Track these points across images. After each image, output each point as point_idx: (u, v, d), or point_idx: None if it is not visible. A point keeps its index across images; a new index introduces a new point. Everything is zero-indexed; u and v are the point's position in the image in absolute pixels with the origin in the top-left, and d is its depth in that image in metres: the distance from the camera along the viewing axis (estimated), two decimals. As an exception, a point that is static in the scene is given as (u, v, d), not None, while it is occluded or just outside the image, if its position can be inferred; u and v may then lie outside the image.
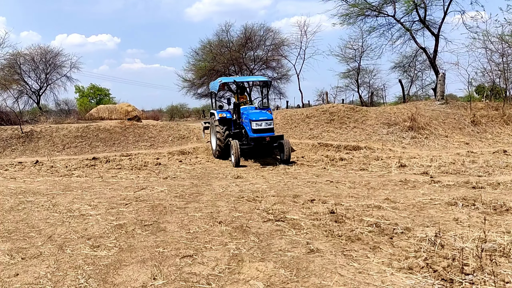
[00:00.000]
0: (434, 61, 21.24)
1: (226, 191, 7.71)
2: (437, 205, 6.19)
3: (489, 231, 4.62)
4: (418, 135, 15.09)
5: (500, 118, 16.96)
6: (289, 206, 6.30)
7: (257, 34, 36.66)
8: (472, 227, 4.90)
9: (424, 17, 21.39)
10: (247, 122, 11.74)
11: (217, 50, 36.56)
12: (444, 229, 4.82)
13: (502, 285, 3.22)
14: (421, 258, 3.85)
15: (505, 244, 4.16)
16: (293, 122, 16.93)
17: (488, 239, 4.35)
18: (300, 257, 4.06)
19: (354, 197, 6.95)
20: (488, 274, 3.43)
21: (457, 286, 3.26)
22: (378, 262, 3.89)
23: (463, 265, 3.61)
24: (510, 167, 9.92)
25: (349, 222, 5.26)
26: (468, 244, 4.20)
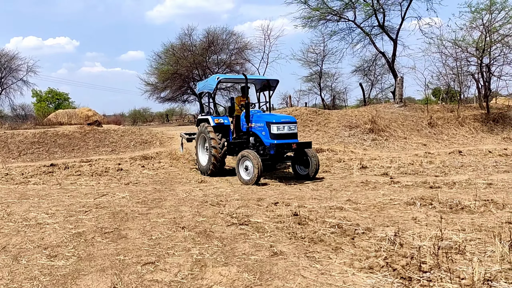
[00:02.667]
0: (392, 65, 21.90)
1: (189, 196, 7.63)
2: (396, 205, 6.35)
3: (445, 229, 4.78)
4: (378, 137, 15.48)
5: (455, 119, 17.65)
6: (253, 209, 6.30)
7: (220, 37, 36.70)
8: (429, 225, 5.06)
9: (383, 23, 22.04)
10: (262, 127, 9.51)
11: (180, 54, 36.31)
12: (403, 229, 4.95)
13: (458, 281, 3.33)
14: (381, 257, 3.93)
15: (460, 242, 4.32)
16: (257, 126, 17.00)
17: (444, 237, 4.50)
18: (264, 260, 4.06)
19: (317, 199, 7.04)
20: (445, 271, 3.54)
21: (415, 283, 3.35)
22: (340, 262, 3.95)
23: (421, 263, 3.71)
24: (464, 167, 10.34)
25: (312, 224, 5.31)
26: (425, 242, 4.33)
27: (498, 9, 17.32)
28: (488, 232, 4.62)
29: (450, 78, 20.33)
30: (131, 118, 47.80)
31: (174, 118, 51.43)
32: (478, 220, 5.27)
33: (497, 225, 4.91)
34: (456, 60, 19.23)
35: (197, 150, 11.24)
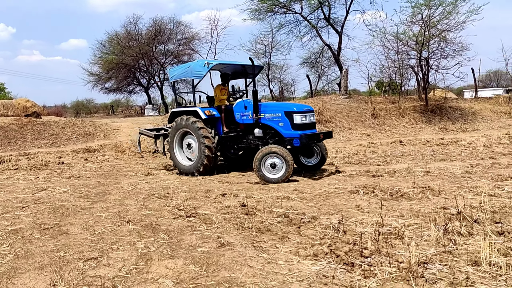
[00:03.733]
0: (338, 57, 22.46)
1: (135, 189, 7.45)
2: (341, 193, 6.54)
3: (386, 216, 4.98)
4: (325, 128, 15.84)
5: (396, 111, 18.42)
6: (201, 201, 6.26)
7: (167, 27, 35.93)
8: (371, 212, 5.25)
9: (328, 15, 22.50)
10: (279, 117, 8.54)
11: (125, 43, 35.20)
12: (347, 216, 5.11)
13: (396, 265, 3.48)
14: (325, 244, 4.04)
15: (399, 227, 4.52)
16: (205, 117, 16.85)
17: (385, 223, 4.69)
18: (211, 251, 4.05)
19: (264, 190, 7.10)
20: (385, 256, 3.69)
21: (357, 268, 3.47)
22: (286, 251, 4.01)
23: (363, 249, 3.85)
24: (404, 156, 10.82)
25: (259, 214, 5.35)
26: (367, 229, 4.50)
27: (436, 5, 18.22)
28: (425, 218, 4.86)
29: (392, 71, 21.18)
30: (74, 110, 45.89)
31: (120, 109, 49.92)
32: (416, 206, 5.53)
33: (433, 211, 5.17)
34: (398, 53, 20.05)
35: (173, 148, 9.51)
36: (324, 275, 3.40)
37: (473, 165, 8.85)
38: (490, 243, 3.81)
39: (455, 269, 3.37)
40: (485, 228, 4.33)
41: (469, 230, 4.32)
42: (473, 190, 6.32)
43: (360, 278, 3.29)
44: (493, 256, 3.50)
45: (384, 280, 3.24)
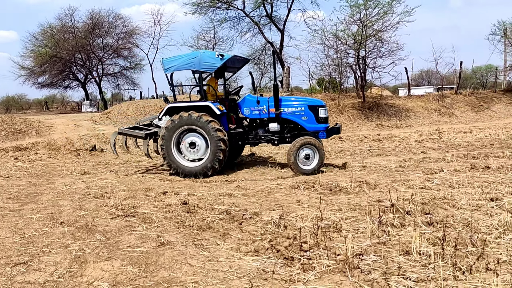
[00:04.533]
0: (280, 55, 22.76)
1: (70, 188, 7.12)
2: (282, 189, 6.63)
3: (324, 210, 5.11)
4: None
5: (336, 108, 18.97)
6: (140, 200, 6.10)
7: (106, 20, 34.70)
8: (311, 207, 5.36)
9: (270, 13, 22.74)
10: (303, 111, 8.61)
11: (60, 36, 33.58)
12: (288, 211, 5.18)
13: (334, 257, 3.58)
14: (266, 240, 4.07)
15: (337, 221, 4.65)
16: (147, 114, 16.46)
17: (324, 217, 4.80)
18: (150, 251, 3.96)
19: (207, 187, 7.05)
20: (323, 249, 3.78)
21: (297, 262, 3.53)
22: (228, 248, 4.00)
23: (302, 243, 3.92)
24: (343, 152, 11.18)
25: (201, 211, 5.30)
26: (307, 223, 4.59)
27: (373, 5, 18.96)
28: (361, 211, 5.04)
29: (332, 69, 21.79)
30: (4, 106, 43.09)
31: (55, 105, 47.50)
32: (353, 200, 5.72)
33: (369, 204, 5.37)
34: (337, 52, 20.66)
35: (172, 149, 8.48)
36: (265, 270, 3.43)
37: (406, 160, 9.31)
38: (420, 233, 4.02)
39: (388, 259, 3.52)
40: (416, 219, 4.56)
41: (402, 221, 4.53)
42: (406, 183, 6.63)
43: (299, 272, 3.35)
44: (423, 246, 3.69)
45: (322, 272, 3.32)
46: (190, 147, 8.48)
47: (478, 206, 5.10)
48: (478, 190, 5.85)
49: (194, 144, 8.45)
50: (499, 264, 3.32)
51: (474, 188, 6.06)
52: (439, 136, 14.36)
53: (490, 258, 3.44)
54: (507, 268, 3.25)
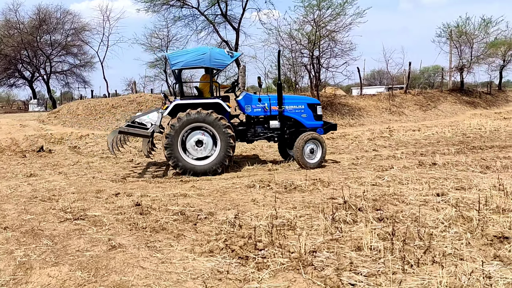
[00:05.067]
0: (235, 54, 22.66)
1: (15, 192, 6.78)
2: (238, 188, 6.62)
3: (279, 208, 5.14)
4: (223, 124, 15.94)
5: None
6: (91, 202, 5.89)
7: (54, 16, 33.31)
8: (266, 206, 5.38)
9: (225, 12, 22.62)
10: (303, 109, 9.06)
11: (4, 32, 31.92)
12: (243, 210, 5.18)
13: (288, 255, 3.60)
14: (221, 240, 4.04)
15: (292, 218, 4.69)
16: (98, 113, 15.93)
17: (279, 216, 4.83)
18: (101, 255, 3.82)
19: (160, 188, 6.92)
20: (278, 247, 3.80)
21: (251, 261, 3.52)
22: (182, 249, 3.94)
23: (257, 242, 3.92)
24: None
25: (154, 213, 5.19)
26: (262, 222, 4.59)
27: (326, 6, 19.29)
28: (315, 208, 5.11)
29: (287, 68, 21.96)
30: None
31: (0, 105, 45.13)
32: (308, 197, 5.80)
33: (322, 201, 5.46)
34: (292, 51, 20.85)
35: (178, 147, 8.07)
36: (219, 270, 3.40)
37: (359, 157, 9.56)
38: (371, 229, 4.13)
39: (340, 255, 3.59)
40: (368, 215, 4.69)
41: (354, 218, 4.64)
42: (358, 180, 6.81)
43: (253, 271, 3.34)
44: (374, 241, 3.79)
45: (276, 271, 3.33)
46: (197, 145, 8.22)
47: (426, 201, 5.31)
48: (426, 186, 6.09)
49: (201, 142, 8.22)
50: (444, 257, 3.46)
51: (421, 184, 6.30)
52: (390, 134, 14.85)
53: (436, 251, 3.58)
54: (452, 260, 3.39)
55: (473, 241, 3.80)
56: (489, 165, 7.79)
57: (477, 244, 3.75)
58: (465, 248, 3.65)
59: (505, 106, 28.02)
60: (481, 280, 2.96)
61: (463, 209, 4.78)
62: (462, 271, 3.14)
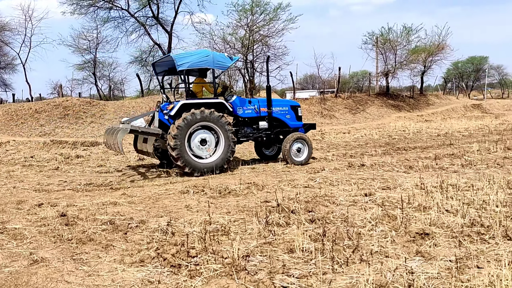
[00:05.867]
0: (168, 57, 22.27)
1: None
2: (171, 194, 6.48)
3: (213, 214, 5.10)
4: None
5: (226, 111, 19.20)
6: (11, 214, 5.49)
7: (-31, 14, 30.79)
8: (200, 211, 5.32)
9: (157, 14, 22.20)
10: (287, 110, 9.81)
11: None
12: (176, 217, 5.07)
13: (222, 261, 3.57)
14: (152, 249, 3.92)
15: (226, 224, 4.67)
16: (19, 118, 14.96)
17: (212, 221, 4.79)
18: (21, 271, 3.56)
19: (89, 196, 6.61)
20: (211, 253, 3.76)
21: (184, 269, 3.45)
22: (110, 260, 3.77)
23: (190, 249, 3.85)
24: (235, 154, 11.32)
25: (81, 223, 4.94)
26: (195, 228, 4.53)
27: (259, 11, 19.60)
28: (249, 212, 5.13)
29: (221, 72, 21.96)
30: None
31: None
32: (242, 201, 5.81)
33: (257, 205, 5.50)
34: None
35: (184, 145, 8.19)
36: (150, 280, 3.29)
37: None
38: (303, 231, 4.21)
39: (273, 258, 3.62)
40: (300, 217, 4.78)
41: (287, 220, 4.71)
42: (291, 183, 6.94)
43: (186, 279, 3.27)
44: (305, 243, 3.87)
45: (209, 277, 3.28)
46: (201, 144, 8.44)
47: (355, 201, 5.52)
48: (355, 187, 6.34)
49: (205, 140, 8.48)
50: (371, 255, 3.60)
51: (351, 185, 6.55)
52: (322, 137, 15.33)
53: (364, 249, 3.73)
54: (378, 258, 3.54)
55: (397, 239, 4.00)
56: (412, 165, 8.27)
57: (401, 241, 3.95)
58: (390, 245, 3.84)
59: (426, 109, 29.99)
60: (404, 276, 3.12)
61: (388, 208, 5.02)
62: (387, 268, 3.29)
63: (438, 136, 15.02)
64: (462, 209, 4.74)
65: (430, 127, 18.56)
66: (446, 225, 4.29)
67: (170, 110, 8.51)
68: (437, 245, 3.81)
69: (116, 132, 8.20)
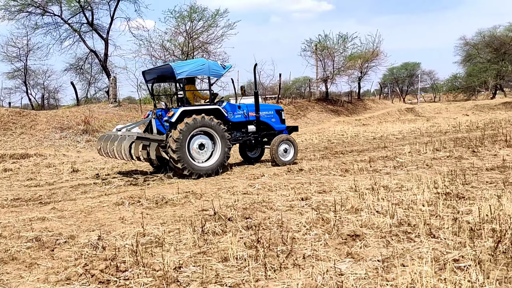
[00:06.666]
0: (105, 64, 21.61)
1: None
2: (105, 207, 6.24)
3: (148, 225, 4.96)
4: (93, 138, 15.04)
5: (166, 119, 18.91)
6: None
7: None
8: (135, 223, 5.15)
9: (91, 20, 21.43)
10: (272, 114, 10.49)
11: None
12: (108, 231, 4.88)
13: (153, 274, 3.46)
14: (80, 265, 3.74)
15: (160, 235, 4.55)
16: None
17: (147, 233, 4.65)
18: None
19: (15, 212, 6.21)
20: (143, 267, 3.64)
21: (113, 285, 3.31)
22: (34, 280, 3.55)
23: (121, 263, 3.71)
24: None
25: (4, 241, 4.61)
26: (128, 241, 4.37)
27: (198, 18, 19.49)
28: (186, 222, 5.04)
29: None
30: None
31: None
32: (179, 211, 5.70)
33: (194, 214, 5.42)
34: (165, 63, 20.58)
35: (185, 150, 8.56)
36: (75, 299, 3.12)
37: (233, 167, 9.73)
38: (239, 238, 4.20)
39: (207, 268, 3.56)
40: (237, 224, 4.76)
41: (224, 228, 4.67)
42: (230, 190, 6.91)
43: (114, 296, 3.14)
44: (240, 250, 3.84)
45: (139, 292, 3.17)
46: (200, 149, 8.87)
47: (291, 206, 5.59)
48: (292, 192, 6.43)
49: (203, 145, 8.91)
50: (304, 259, 3.65)
51: (288, 189, 6.63)
52: (263, 143, 15.42)
53: (297, 254, 3.77)
54: (310, 262, 3.59)
55: (330, 241, 4.08)
56: (348, 168, 8.52)
57: (333, 243, 4.03)
58: (323, 248, 3.91)
59: (363, 113, 31.21)
60: (334, 278, 3.18)
61: (323, 212, 5.12)
62: (318, 271, 3.34)
63: (374, 139, 15.64)
64: (391, 209, 4.93)
65: (367, 131, 19.30)
66: (376, 226, 4.45)
67: (171, 116, 8.76)
68: (367, 246, 3.93)
69: (120, 140, 8.51)
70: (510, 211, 4.44)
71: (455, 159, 9.06)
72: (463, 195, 5.58)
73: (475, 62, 47.16)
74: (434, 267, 3.24)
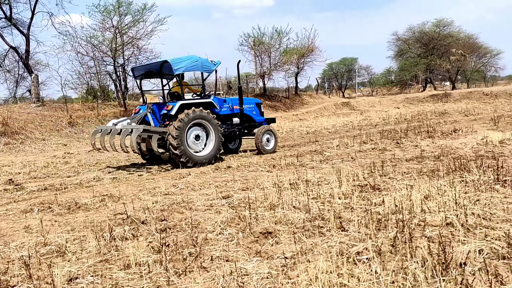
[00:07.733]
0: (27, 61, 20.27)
1: None
2: (11, 215, 5.76)
3: (54, 233, 4.61)
4: (12, 141, 14.04)
5: (95, 117, 18.08)
6: None
7: None
8: (40, 232, 4.77)
9: (10, 15, 19.99)
10: (252, 107, 11.43)
11: None
12: (8, 241, 4.48)
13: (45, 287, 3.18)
14: (-36, 283, 3.36)
15: (64, 243, 4.22)
16: None
17: (49, 242, 4.31)
18: None
19: None
20: (36, 280, 3.33)
21: (-5, 304, 3.00)
22: None
23: (12, 277, 3.38)
24: (99, 164, 10.63)
25: None
26: (25, 252, 4.02)
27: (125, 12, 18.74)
28: (96, 228, 4.73)
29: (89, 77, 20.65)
30: None
31: None
32: (91, 216, 5.36)
33: (108, 219, 5.11)
34: (94, 59, 19.67)
35: (184, 141, 9.11)
36: None
37: (162, 168, 9.43)
38: (148, 242, 3.99)
39: (106, 277, 3.33)
40: (151, 227, 4.54)
41: (135, 232, 4.43)
42: (152, 191, 6.64)
43: (-6, 316, 2.84)
44: (144, 256, 3.64)
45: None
46: (196, 140, 9.48)
47: (211, 205, 5.44)
48: (214, 190, 6.28)
49: (198, 136, 9.53)
50: (212, 261, 3.51)
51: (211, 188, 6.48)
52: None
53: (205, 256, 3.62)
54: (218, 263, 3.46)
55: (242, 240, 3.98)
56: (276, 164, 8.51)
57: (245, 242, 3.93)
58: (233, 248, 3.79)
59: (301, 108, 31.77)
60: (237, 280, 3.07)
61: (241, 210, 5.02)
62: (223, 273, 3.21)
63: (307, 134, 15.87)
64: (308, 204, 4.92)
65: (302, 126, 19.58)
66: (290, 222, 4.40)
67: (170, 110, 9.35)
68: (278, 243, 3.86)
69: (124, 133, 9.16)
70: (417, 201, 4.57)
71: (379, 151, 9.33)
72: (379, 187, 5.70)
73: (406, 56, 49.64)
74: (337, 261, 3.22)
